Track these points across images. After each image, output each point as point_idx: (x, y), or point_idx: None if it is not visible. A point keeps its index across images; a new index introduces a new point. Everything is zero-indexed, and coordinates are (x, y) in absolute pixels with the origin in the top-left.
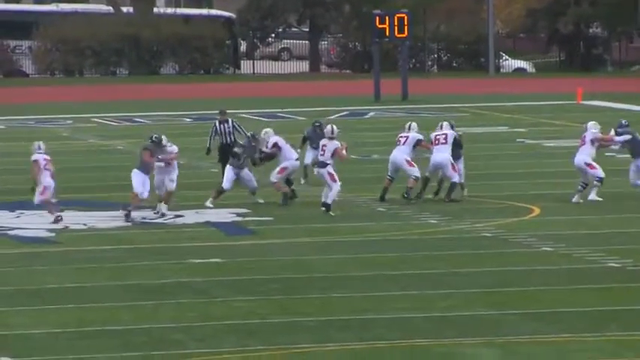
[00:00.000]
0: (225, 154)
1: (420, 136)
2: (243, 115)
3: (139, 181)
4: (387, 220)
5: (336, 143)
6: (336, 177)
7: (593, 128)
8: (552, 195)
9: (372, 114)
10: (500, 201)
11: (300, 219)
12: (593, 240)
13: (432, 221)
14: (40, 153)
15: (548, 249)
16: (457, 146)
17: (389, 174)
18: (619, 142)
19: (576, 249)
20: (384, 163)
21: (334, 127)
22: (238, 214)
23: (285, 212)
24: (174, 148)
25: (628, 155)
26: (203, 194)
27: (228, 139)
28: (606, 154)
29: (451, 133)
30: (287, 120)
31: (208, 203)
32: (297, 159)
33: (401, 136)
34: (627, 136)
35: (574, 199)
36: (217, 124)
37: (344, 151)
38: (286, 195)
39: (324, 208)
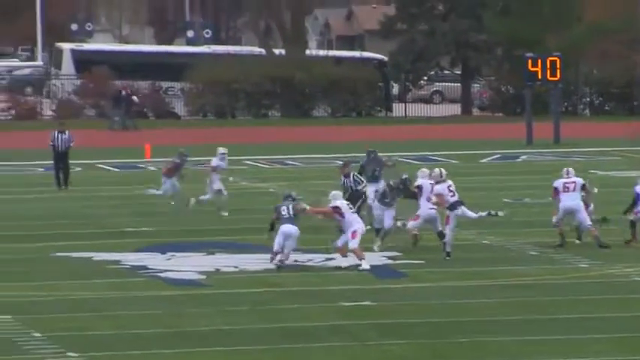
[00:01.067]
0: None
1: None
2: (396, 158)
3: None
4: (540, 263)
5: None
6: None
7: None
8: None
9: (523, 157)
10: None
11: (451, 262)
12: None
13: (583, 265)
14: None
15: None
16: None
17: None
18: None
19: None
20: (536, 207)
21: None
22: (390, 257)
23: (436, 256)
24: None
25: None
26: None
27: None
28: None
29: (579, 181)
30: (438, 163)
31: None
32: (430, 208)
33: (567, 183)
34: None
35: None
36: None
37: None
38: (416, 239)
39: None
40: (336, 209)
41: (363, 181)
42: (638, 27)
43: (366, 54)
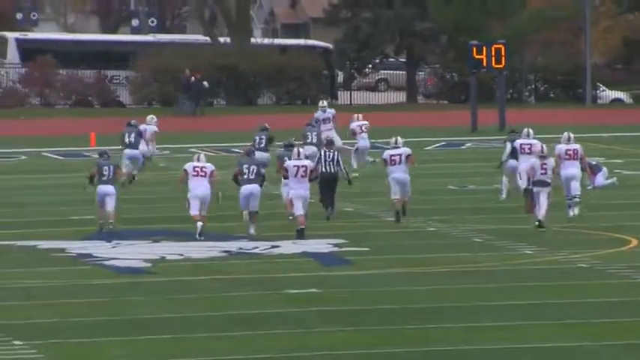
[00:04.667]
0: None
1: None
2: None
3: None
4: (484, 250)
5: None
6: None
7: None
8: None
9: (468, 145)
10: (597, 232)
11: (397, 250)
12: None
13: (528, 252)
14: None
15: None
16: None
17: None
18: None
19: None
20: (481, 194)
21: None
22: (335, 245)
23: (382, 243)
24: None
25: None
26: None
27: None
28: None
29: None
30: (383, 149)
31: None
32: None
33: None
34: None
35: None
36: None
37: None
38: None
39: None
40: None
41: None
42: (582, 14)
43: (311, 42)
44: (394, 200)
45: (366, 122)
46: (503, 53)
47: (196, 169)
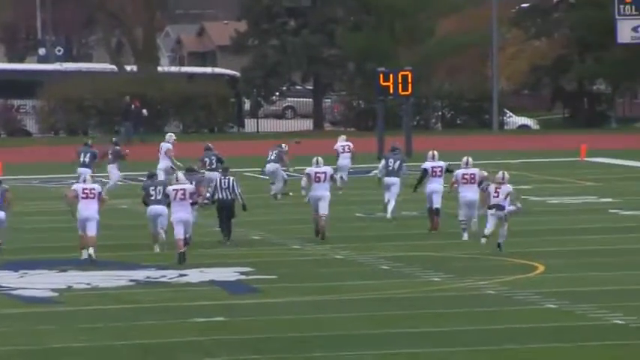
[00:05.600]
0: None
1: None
2: (247, 174)
3: None
4: (392, 277)
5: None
6: None
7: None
8: (556, 252)
9: (375, 171)
10: (505, 258)
11: (304, 277)
12: (596, 297)
13: (436, 279)
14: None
15: (552, 306)
16: None
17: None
18: None
19: (580, 306)
20: (388, 221)
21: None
22: (242, 273)
23: (289, 270)
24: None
25: (629, 212)
26: (208, 252)
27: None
28: (610, 210)
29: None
30: (289, 178)
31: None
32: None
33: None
34: None
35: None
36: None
37: None
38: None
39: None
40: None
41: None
42: (489, 40)
43: (218, 70)
44: (315, 216)
45: (349, 143)
46: (410, 80)
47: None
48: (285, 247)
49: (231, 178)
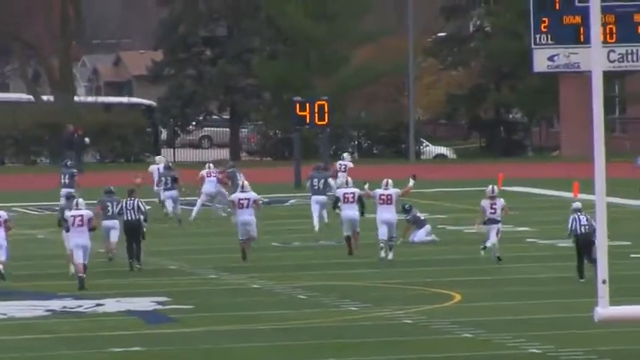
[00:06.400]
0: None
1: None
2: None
3: None
4: (309, 307)
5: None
6: None
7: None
8: (473, 281)
9: (292, 201)
10: (421, 287)
11: (221, 307)
12: (513, 326)
13: (353, 308)
14: None
15: (469, 335)
16: None
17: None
18: None
19: (497, 335)
20: (305, 251)
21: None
22: (159, 302)
23: (206, 300)
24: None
25: (546, 241)
26: (124, 282)
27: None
28: (527, 239)
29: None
30: (206, 208)
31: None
32: None
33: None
34: None
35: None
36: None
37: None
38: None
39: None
40: None
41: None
42: (405, 69)
43: (135, 100)
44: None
45: (349, 163)
46: (326, 110)
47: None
48: (201, 276)
49: (137, 199)
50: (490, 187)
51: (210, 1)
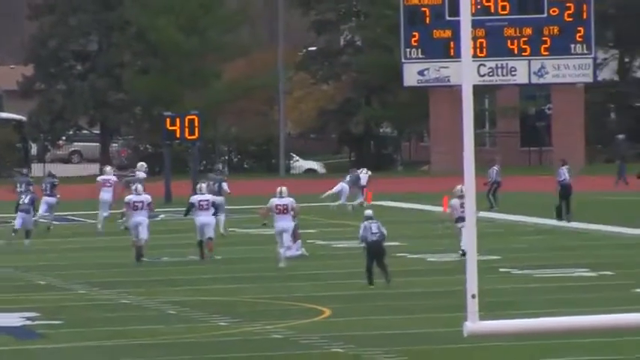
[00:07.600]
0: None
1: None
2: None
3: None
4: (179, 322)
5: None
6: None
7: None
8: (342, 296)
9: (162, 216)
10: (292, 302)
11: (90, 322)
12: (384, 341)
13: (223, 323)
14: None
15: (339, 350)
16: None
17: None
18: None
19: (367, 349)
20: (175, 266)
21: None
22: (28, 318)
23: (76, 316)
24: None
25: (416, 255)
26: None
27: None
28: (396, 254)
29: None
30: (77, 224)
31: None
32: None
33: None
34: None
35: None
36: None
37: None
38: None
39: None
40: None
41: None
42: (276, 83)
43: (5, 115)
44: (135, 241)
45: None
46: (196, 124)
47: None
48: (71, 291)
49: None
50: (459, 187)
51: (81, 15)
